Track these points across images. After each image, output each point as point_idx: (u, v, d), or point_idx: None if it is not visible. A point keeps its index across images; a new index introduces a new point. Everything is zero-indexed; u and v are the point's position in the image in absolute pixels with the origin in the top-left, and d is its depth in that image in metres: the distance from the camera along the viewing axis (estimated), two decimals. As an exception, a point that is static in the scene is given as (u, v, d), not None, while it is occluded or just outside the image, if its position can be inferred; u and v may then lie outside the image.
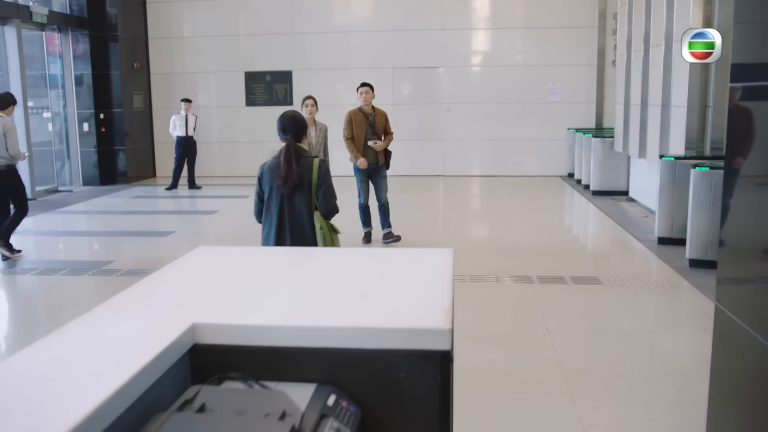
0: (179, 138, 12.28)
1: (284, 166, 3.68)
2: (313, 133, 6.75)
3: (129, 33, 13.74)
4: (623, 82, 10.40)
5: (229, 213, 10.24)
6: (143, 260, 7.19)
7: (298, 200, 3.71)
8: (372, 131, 7.28)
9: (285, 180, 3.68)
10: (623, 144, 10.32)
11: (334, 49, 14.02)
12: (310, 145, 6.65)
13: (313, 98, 6.98)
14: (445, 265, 2.07)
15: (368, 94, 7.28)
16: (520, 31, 13.77)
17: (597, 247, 7.94)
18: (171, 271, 2.21)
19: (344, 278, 2.07)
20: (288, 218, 3.72)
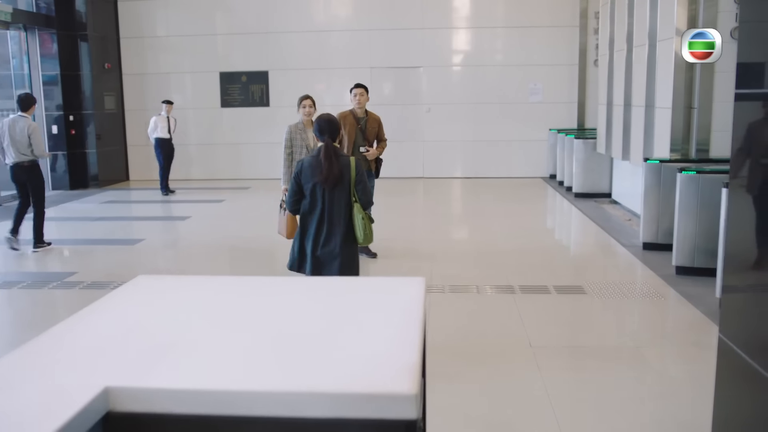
0: (160, 140, 11.82)
1: (325, 164, 4.10)
2: (310, 136, 6.31)
3: (99, 32, 13.32)
4: (606, 82, 10.20)
5: (201, 219, 9.90)
6: (108, 271, 6.85)
7: (338, 194, 4.15)
8: (363, 137, 6.80)
9: (327, 177, 4.11)
10: (606, 145, 10.13)
11: (312, 48, 13.71)
12: (308, 149, 6.22)
13: (311, 98, 6.51)
14: (415, 302, 1.80)
15: (362, 96, 6.75)
16: (501, 30, 13.55)
17: (581, 254, 7.72)
18: (96, 311, 1.91)
19: (297, 322, 1.78)
20: (328, 210, 4.15)
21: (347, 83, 13.93)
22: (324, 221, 4.18)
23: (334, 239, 4.19)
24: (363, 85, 6.83)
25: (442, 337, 4.76)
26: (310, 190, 4.18)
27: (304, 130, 6.31)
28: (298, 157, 6.16)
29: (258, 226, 9.25)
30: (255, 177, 13.92)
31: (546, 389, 3.90)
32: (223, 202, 11.28)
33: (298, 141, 6.27)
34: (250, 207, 10.88)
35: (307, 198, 4.20)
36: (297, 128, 6.33)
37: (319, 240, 4.20)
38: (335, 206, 4.17)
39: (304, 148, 6.24)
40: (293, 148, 6.29)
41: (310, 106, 6.39)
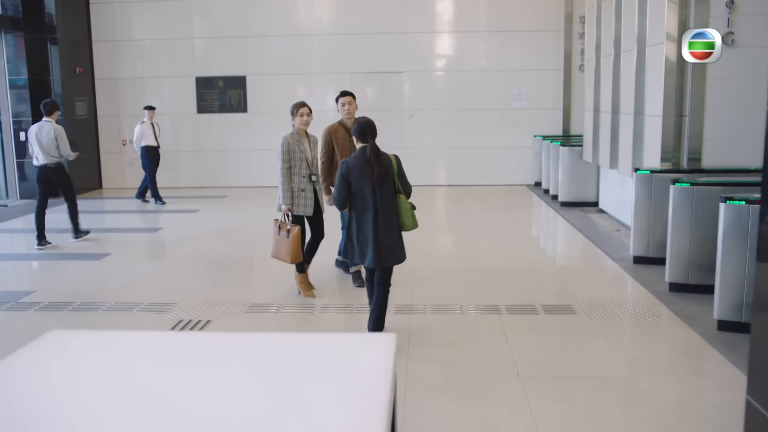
0: (147, 148, 11.35)
1: (375, 164, 4.57)
2: (308, 147, 5.82)
3: (70, 35, 12.85)
4: (592, 88, 9.92)
5: (173, 229, 9.49)
6: (68, 290, 6.41)
7: (385, 189, 4.61)
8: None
9: (379, 176, 4.56)
10: (593, 153, 9.84)
11: (291, 53, 13.33)
12: (307, 161, 5.76)
13: (308, 106, 5.91)
14: (383, 372, 1.43)
15: (351, 105, 6.11)
16: (485, 34, 13.26)
17: (569, 268, 7.39)
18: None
19: (224, 406, 1.40)
20: (380, 204, 4.59)
21: (328, 89, 13.74)
22: (379, 214, 4.59)
23: (391, 228, 4.67)
24: (350, 93, 6.22)
25: (425, 369, 4.41)
26: (358, 188, 4.59)
27: (300, 141, 5.78)
28: (298, 171, 5.72)
29: (234, 240, 8.85)
30: (232, 185, 13.51)
31: (536, 426, 3.56)
32: (197, 212, 10.85)
33: (297, 153, 5.72)
34: (227, 218, 10.47)
35: (356, 195, 4.61)
36: (293, 138, 5.76)
37: (378, 231, 4.61)
38: (386, 199, 4.62)
39: (304, 161, 5.74)
40: (292, 161, 5.73)
41: (307, 115, 5.82)
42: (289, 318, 5.47)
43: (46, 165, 8.32)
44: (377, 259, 4.63)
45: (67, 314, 5.63)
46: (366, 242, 4.62)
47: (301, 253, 5.74)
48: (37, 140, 8.21)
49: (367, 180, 4.56)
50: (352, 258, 4.76)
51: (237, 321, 5.38)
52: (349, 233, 4.71)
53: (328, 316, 5.50)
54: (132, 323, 5.41)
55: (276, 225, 5.77)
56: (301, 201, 5.78)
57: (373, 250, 4.60)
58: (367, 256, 4.64)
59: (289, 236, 5.63)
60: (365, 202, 4.59)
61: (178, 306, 5.75)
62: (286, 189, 5.72)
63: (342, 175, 4.61)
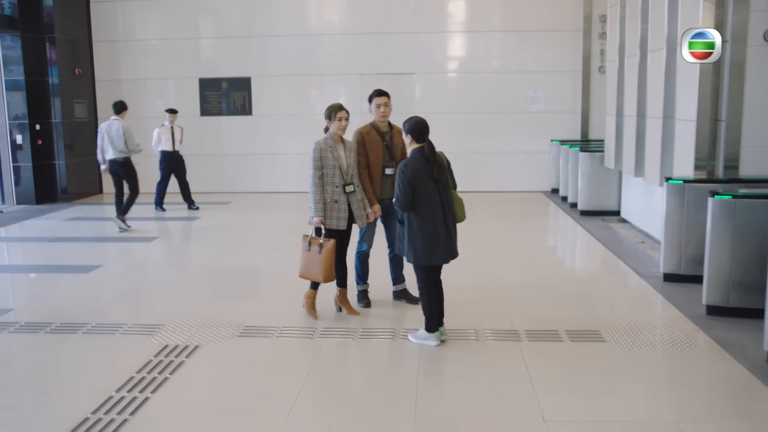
0: (164, 153, 10.85)
1: (434, 163, 4.66)
2: (343, 155, 5.27)
3: (69, 35, 12.41)
4: (614, 90, 9.33)
5: (169, 240, 8.99)
6: (50, 308, 5.91)
7: (443, 184, 4.71)
8: (389, 155, 5.54)
9: (439, 174, 4.67)
10: (615, 160, 9.26)
11: (298, 53, 12.83)
12: (342, 169, 5.22)
13: (347, 110, 5.31)
14: None
15: (387, 107, 5.47)
16: (499, 34, 12.69)
17: (593, 286, 6.78)
18: None
19: None
20: (443, 200, 4.68)
21: (336, 90, 13.21)
22: (444, 209, 4.65)
23: (453, 222, 4.78)
24: (386, 93, 5.55)
25: (435, 407, 3.87)
26: (423, 188, 4.60)
27: (335, 147, 5.24)
28: (331, 180, 5.19)
29: (236, 250, 8.33)
30: (236, 191, 13.02)
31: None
32: (197, 219, 10.35)
33: (330, 160, 5.19)
34: (229, 226, 9.96)
35: (421, 195, 4.61)
36: (327, 144, 5.22)
37: (448, 226, 4.68)
38: (447, 195, 4.72)
39: (337, 169, 5.20)
40: (325, 169, 5.20)
41: (345, 119, 5.25)
42: (285, 344, 4.93)
43: (115, 159, 9.17)
44: (449, 254, 4.70)
45: (43, 337, 5.12)
46: (437, 239, 4.62)
47: (334, 270, 5.23)
48: (107, 136, 9.10)
49: (429, 179, 4.61)
50: (418, 259, 4.67)
51: (227, 347, 4.85)
52: (413, 234, 4.64)
53: (328, 342, 4.96)
54: (111, 349, 4.89)
55: (306, 241, 5.23)
56: (333, 213, 5.24)
57: (446, 246, 4.65)
58: (438, 254, 4.65)
59: (322, 251, 5.11)
60: (432, 200, 4.62)
61: (165, 328, 5.23)
62: (317, 200, 5.18)
63: (408, 178, 4.57)
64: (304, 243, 5.24)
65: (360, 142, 5.47)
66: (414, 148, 4.70)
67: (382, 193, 5.51)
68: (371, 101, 5.53)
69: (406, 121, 4.75)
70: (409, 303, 5.75)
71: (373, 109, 5.52)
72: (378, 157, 5.45)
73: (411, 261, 4.71)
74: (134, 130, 9.65)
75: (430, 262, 4.68)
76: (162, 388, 4.15)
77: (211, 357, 4.68)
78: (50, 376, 4.44)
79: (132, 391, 4.09)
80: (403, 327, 5.19)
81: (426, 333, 4.82)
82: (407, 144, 4.79)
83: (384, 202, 5.53)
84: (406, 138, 4.75)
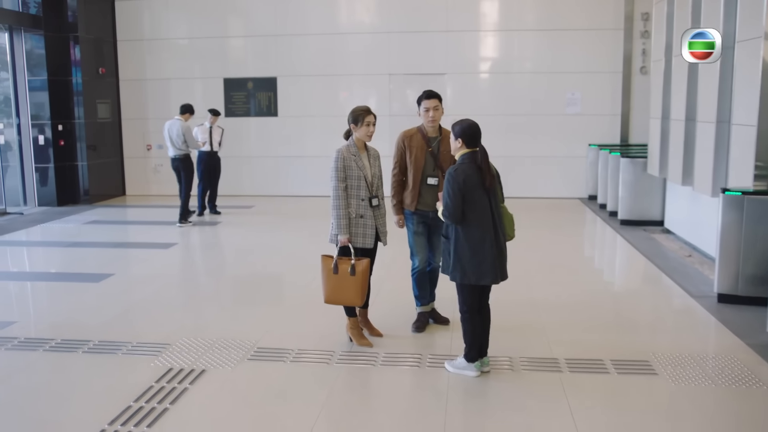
0: (201, 154, 10.47)
1: (486, 171, 4.18)
2: (367, 163, 4.78)
3: (93, 34, 12.17)
4: (660, 92, 8.73)
5: (186, 246, 8.61)
6: (53, 322, 5.56)
7: (494, 194, 4.22)
8: (434, 164, 4.99)
9: (491, 182, 4.19)
10: (660, 167, 8.66)
11: (325, 53, 12.42)
12: (367, 180, 4.73)
13: (374, 114, 4.80)
14: None
15: (437, 110, 4.92)
16: (535, 33, 12.12)
17: (640, 307, 6.16)
18: None
19: None
20: (495, 210, 4.21)
21: (364, 92, 12.76)
22: (495, 223, 4.20)
23: (503, 238, 4.30)
24: (437, 95, 4.99)
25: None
26: (472, 198, 4.14)
27: (358, 155, 4.72)
28: (356, 192, 4.69)
29: (255, 260, 7.93)
30: (260, 194, 12.66)
31: None
32: (218, 225, 9.99)
33: (354, 170, 4.68)
34: (250, 232, 9.58)
35: (471, 207, 4.14)
36: (349, 152, 4.70)
37: (499, 241, 4.23)
38: (496, 207, 4.23)
39: (362, 180, 4.69)
40: (349, 180, 4.68)
41: (374, 124, 4.73)
42: (299, 370, 4.48)
43: (175, 156, 9.64)
44: (500, 274, 4.23)
45: (40, 356, 4.75)
46: (487, 256, 4.14)
47: (367, 292, 4.79)
48: (168, 135, 9.57)
49: (480, 188, 4.15)
50: (465, 278, 4.17)
51: (235, 373, 4.42)
52: (461, 249, 4.16)
53: (347, 369, 4.50)
54: (110, 372, 4.49)
55: (330, 263, 4.67)
56: (359, 230, 4.72)
57: (497, 265, 4.18)
58: (487, 273, 4.16)
59: (356, 272, 4.60)
60: (483, 212, 4.16)
61: (172, 348, 4.82)
62: (342, 215, 4.65)
63: (459, 184, 4.10)
64: (327, 265, 4.70)
65: (400, 148, 5.03)
66: (464, 153, 4.21)
67: (424, 205, 4.98)
68: (420, 104, 4.99)
69: (456, 123, 4.27)
70: (437, 323, 5.26)
71: (421, 113, 4.99)
72: (420, 165, 4.94)
73: (456, 280, 4.21)
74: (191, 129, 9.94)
75: (479, 281, 4.16)
76: (160, 421, 3.72)
77: (217, 384, 4.25)
78: (39, 405, 4.04)
79: (126, 425, 3.67)
80: (431, 353, 4.71)
81: (465, 362, 4.32)
82: (455, 149, 4.27)
83: (427, 215, 4.98)
84: (455, 143, 4.24)
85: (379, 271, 5.06)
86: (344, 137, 4.86)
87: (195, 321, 5.57)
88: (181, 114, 9.73)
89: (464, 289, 4.24)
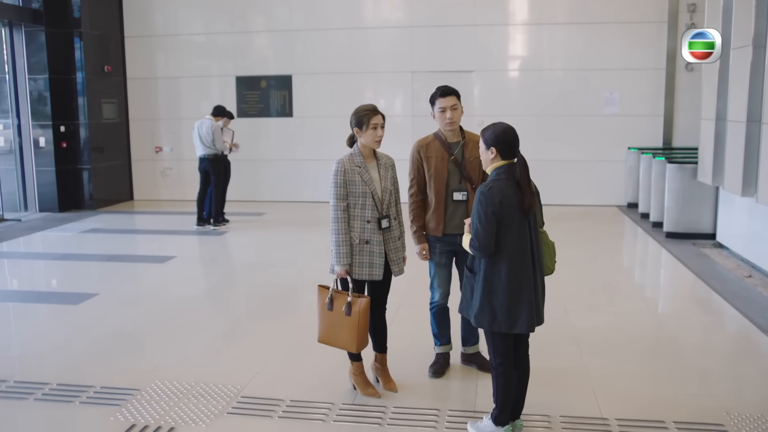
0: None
1: (527, 188, 3.27)
2: (376, 176, 3.88)
3: (98, 30, 11.51)
4: (713, 90, 7.74)
5: (183, 261, 7.80)
6: (12, 357, 4.82)
7: (533, 220, 3.34)
8: (461, 176, 4.06)
9: (528, 204, 3.25)
10: (713, 174, 7.69)
11: (343, 49, 11.62)
12: (375, 197, 3.83)
13: (382, 114, 3.89)
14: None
15: (456, 110, 4.02)
16: (569, 27, 11.19)
17: (703, 348, 5.12)
18: None
19: None
20: (535, 242, 3.33)
21: (384, 90, 11.89)
22: (535, 256, 3.33)
23: (542, 274, 3.41)
24: (454, 91, 4.07)
25: None
26: (509, 223, 3.24)
27: (365, 167, 3.84)
28: (360, 212, 3.82)
29: (256, 280, 7.12)
30: (273, 200, 11.90)
31: None
32: (225, 234, 9.22)
33: (359, 185, 3.80)
34: (261, 243, 8.80)
35: (506, 233, 3.24)
36: (352, 163, 3.84)
37: (536, 279, 3.32)
38: (536, 234, 3.36)
39: (369, 197, 3.80)
40: (351, 197, 3.82)
41: (381, 127, 3.81)
42: (288, 428, 3.66)
43: (204, 156, 9.25)
44: (537, 319, 3.32)
45: (-16, 404, 3.99)
46: (523, 298, 3.25)
47: (367, 336, 3.89)
48: (198, 133, 9.20)
49: (517, 211, 3.24)
50: (496, 324, 3.27)
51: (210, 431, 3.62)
52: (492, 288, 3.27)
53: (346, 428, 3.66)
54: (61, 427, 3.71)
55: (326, 296, 3.84)
56: (364, 258, 3.83)
57: (534, 307, 3.27)
58: (522, 318, 3.25)
59: (351, 312, 3.73)
60: (521, 242, 3.26)
61: (140, 395, 4.03)
62: (342, 241, 3.79)
63: (494, 208, 3.20)
64: (322, 298, 3.86)
65: (416, 161, 4.11)
66: (498, 166, 3.29)
67: (452, 228, 4.05)
68: (434, 104, 4.09)
69: (487, 128, 3.35)
70: (480, 370, 4.33)
71: (436, 115, 4.08)
72: (442, 178, 4.03)
73: (484, 326, 3.32)
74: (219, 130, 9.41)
75: (512, 328, 3.26)
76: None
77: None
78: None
79: None
80: (450, 408, 3.85)
81: (493, 426, 3.42)
82: (487, 161, 3.35)
83: (455, 240, 4.05)
84: (487, 153, 3.31)
85: (392, 298, 4.18)
86: (347, 144, 4.02)
87: (174, 357, 4.76)
88: (214, 115, 9.33)
89: (495, 338, 3.35)
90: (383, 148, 3.99)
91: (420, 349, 4.61)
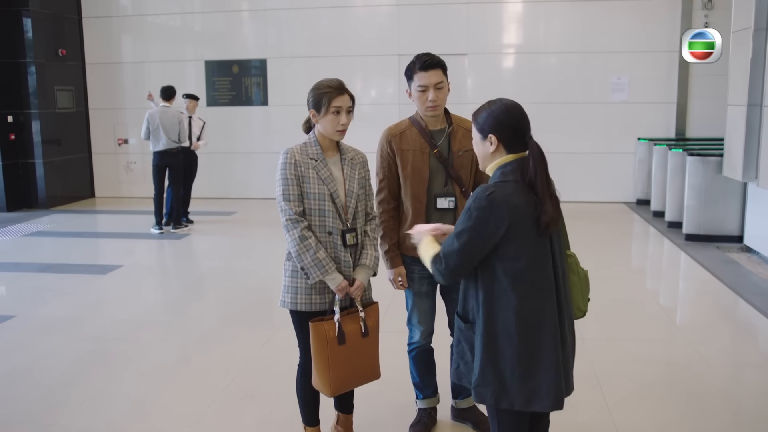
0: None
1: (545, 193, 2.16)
2: (339, 174, 2.83)
3: (50, 8, 10.38)
4: (746, 72, 6.71)
5: (129, 272, 6.64)
6: None
7: (557, 240, 2.27)
8: (446, 176, 3.00)
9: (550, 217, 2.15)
10: (743, 168, 6.70)
11: (323, 30, 10.57)
12: (338, 203, 2.77)
13: (350, 93, 2.84)
14: None
15: (441, 90, 2.96)
16: (572, 5, 10.15)
17: (740, 373, 4.23)
18: None
19: None
20: (561, 273, 2.23)
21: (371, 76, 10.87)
22: (560, 294, 2.20)
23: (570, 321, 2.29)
24: (438, 62, 2.97)
25: None
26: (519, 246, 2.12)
27: (323, 161, 2.80)
28: (319, 221, 2.75)
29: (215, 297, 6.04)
30: (245, 197, 10.83)
31: None
32: (185, 237, 8.14)
33: (314, 184, 2.75)
34: (223, 249, 7.75)
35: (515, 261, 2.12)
36: (305, 155, 2.79)
37: (564, 332, 2.21)
38: (561, 263, 2.26)
39: (328, 201, 2.75)
40: (307, 201, 2.75)
41: (347, 111, 2.78)
42: None
43: (167, 150, 8.15)
44: (563, 391, 2.19)
45: None
46: (546, 360, 2.14)
47: None
48: (160, 125, 8.09)
49: (531, 229, 2.15)
50: (506, 400, 2.16)
51: None
52: (497, 347, 2.17)
53: None
54: None
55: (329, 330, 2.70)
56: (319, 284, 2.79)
57: (561, 374, 2.17)
58: (545, 390, 2.14)
59: (368, 332, 2.77)
60: (540, 273, 2.17)
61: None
62: (312, 250, 2.69)
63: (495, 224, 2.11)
64: (321, 335, 2.69)
65: (386, 156, 3.05)
66: (502, 163, 2.22)
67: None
68: (411, 78, 2.99)
69: (482, 108, 2.27)
70: (477, 431, 3.28)
71: (414, 94, 2.99)
72: (421, 179, 2.98)
73: (489, 402, 2.21)
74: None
75: (529, 405, 2.17)
76: None
77: None
78: None
79: None
80: None
81: None
82: (485, 156, 2.28)
83: None
84: (483, 143, 2.25)
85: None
86: (304, 129, 2.95)
87: (76, 418, 3.69)
88: (165, 99, 8.21)
89: (503, 418, 2.24)
90: (358, 142, 2.94)
91: (397, 402, 3.55)
